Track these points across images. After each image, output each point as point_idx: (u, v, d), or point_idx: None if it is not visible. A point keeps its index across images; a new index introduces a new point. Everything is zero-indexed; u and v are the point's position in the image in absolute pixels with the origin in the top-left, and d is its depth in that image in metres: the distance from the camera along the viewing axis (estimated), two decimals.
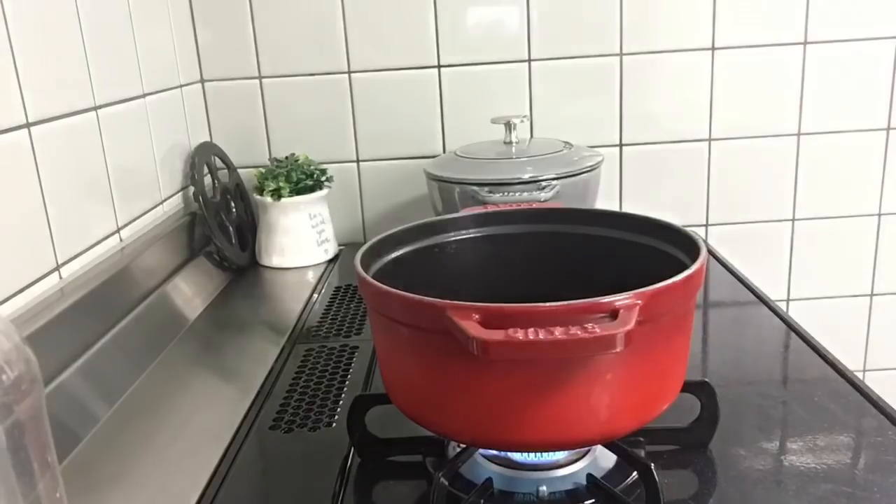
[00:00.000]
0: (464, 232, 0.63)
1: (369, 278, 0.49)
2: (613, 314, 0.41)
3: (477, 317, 0.41)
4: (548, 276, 0.61)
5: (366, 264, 0.52)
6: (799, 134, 1.12)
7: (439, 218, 0.63)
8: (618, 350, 0.39)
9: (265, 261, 1.04)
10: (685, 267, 0.47)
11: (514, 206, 0.64)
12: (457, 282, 0.60)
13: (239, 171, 1.11)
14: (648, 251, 0.57)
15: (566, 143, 0.99)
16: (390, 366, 0.51)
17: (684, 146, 1.12)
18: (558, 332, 0.39)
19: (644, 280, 0.44)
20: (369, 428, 0.56)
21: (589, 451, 0.53)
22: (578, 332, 0.39)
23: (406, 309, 0.46)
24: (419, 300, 0.45)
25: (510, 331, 0.39)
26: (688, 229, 0.55)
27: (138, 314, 0.77)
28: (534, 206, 0.66)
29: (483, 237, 0.63)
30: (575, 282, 0.57)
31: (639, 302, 0.41)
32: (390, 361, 0.50)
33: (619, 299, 0.41)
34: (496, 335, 0.39)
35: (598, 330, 0.39)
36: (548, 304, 0.41)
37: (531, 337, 0.39)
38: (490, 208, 0.65)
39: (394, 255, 0.58)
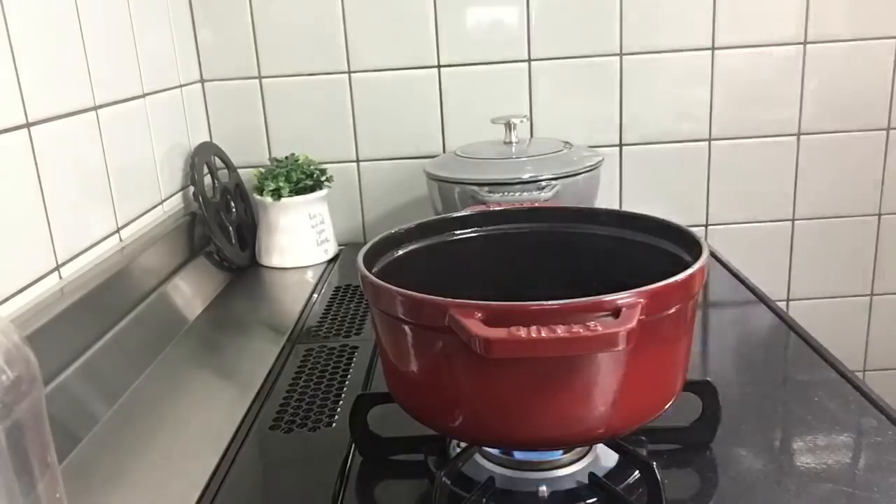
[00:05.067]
0: (466, 231, 0.62)
1: (372, 277, 0.49)
2: (616, 312, 0.41)
3: (480, 315, 0.41)
4: (550, 275, 0.61)
5: (368, 263, 0.52)
6: (799, 134, 1.12)
7: (441, 217, 0.63)
8: (620, 348, 0.39)
9: (265, 261, 1.04)
10: (687, 265, 0.47)
11: (517, 205, 0.64)
12: (459, 280, 0.59)
13: (239, 171, 1.11)
14: (650, 250, 0.57)
15: (566, 143, 0.99)
16: (393, 364, 0.51)
17: (684, 146, 1.12)
18: (561, 331, 0.39)
19: (645, 279, 0.44)
20: (371, 427, 0.56)
21: (590, 449, 0.53)
22: (581, 331, 0.39)
23: (409, 307, 0.46)
24: (422, 298, 0.45)
25: (513, 329, 0.39)
26: (689, 228, 0.55)
27: (138, 314, 0.77)
28: (536, 204, 0.66)
29: (485, 236, 0.63)
30: (577, 280, 0.57)
31: (641, 300, 0.41)
32: (393, 360, 0.50)
33: (622, 298, 0.41)
34: (499, 333, 0.39)
35: (600, 328, 0.39)
36: (550, 302, 0.41)
37: (534, 335, 0.39)
38: (492, 207, 0.65)
39: (396, 254, 0.58)
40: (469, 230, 0.63)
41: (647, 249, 0.57)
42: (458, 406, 0.47)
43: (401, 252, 0.59)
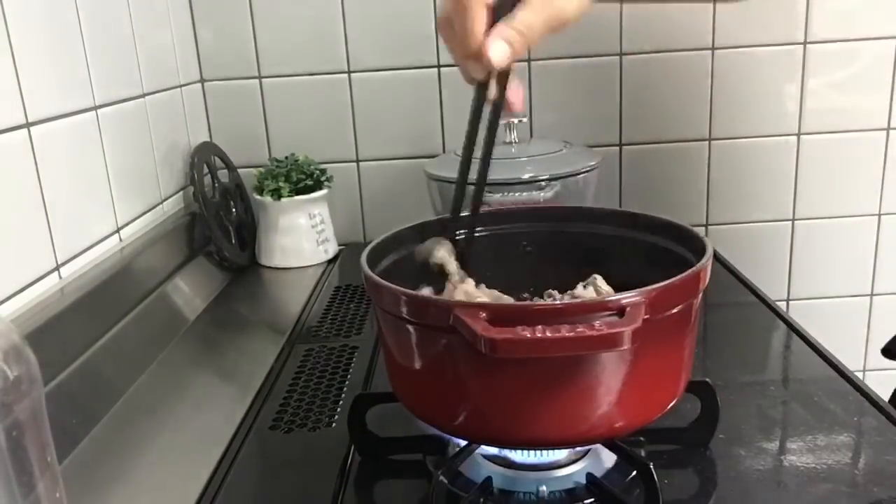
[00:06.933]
0: (470, 230, 0.62)
1: (376, 277, 0.49)
2: (620, 312, 0.41)
3: (484, 315, 0.41)
4: (552, 275, 0.61)
5: (372, 263, 0.52)
6: (799, 134, 1.12)
7: (444, 216, 0.63)
8: (625, 348, 0.39)
9: (265, 261, 1.04)
10: (689, 264, 0.47)
11: (520, 205, 0.64)
12: None
13: (239, 171, 1.11)
14: (652, 249, 0.57)
15: (566, 143, 0.99)
16: (396, 364, 0.51)
17: (684, 146, 1.12)
18: (565, 330, 0.39)
19: (648, 278, 0.44)
20: (369, 427, 0.56)
21: (589, 450, 0.53)
22: (586, 331, 0.39)
23: (413, 308, 0.46)
24: (427, 299, 0.45)
25: (518, 329, 0.39)
26: (691, 227, 0.55)
27: (138, 314, 0.77)
28: (539, 204, 0.66)
29: (489, 236, 0.63)
30: (579, 280, 0.57)
31: (645, 300, 0.41)
32: (397, 360, 0.50)
33: (626, 297, 0.41)
34: (504, 333, 0.39)
35: (605, 328, 0.39)
36: (555, 302, 0.41)
37: (539, 335, 0.39)
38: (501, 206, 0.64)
39: (399, 254, 0.58)
40: (473, 230, 0.63)
41: (648, 248, 0.57)
42: (462, 405, 0.47)
43: (403, 252, 0.59)
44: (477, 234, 0.59)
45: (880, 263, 1.18)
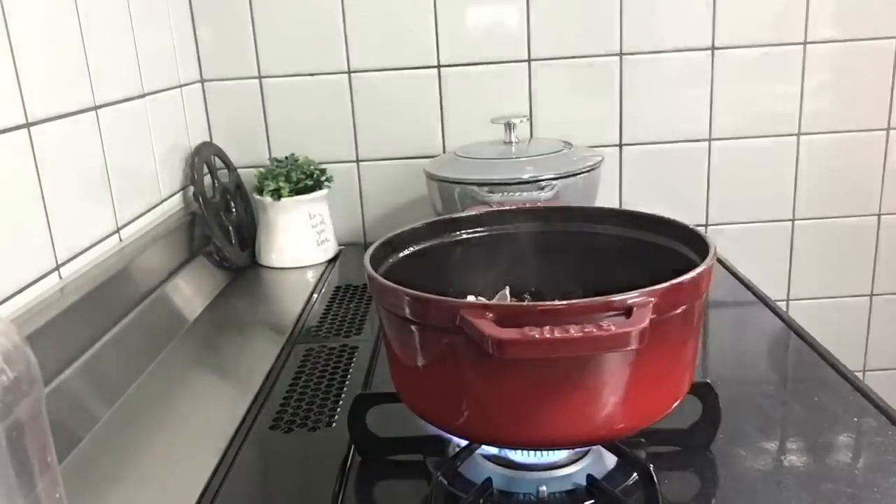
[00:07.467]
0: (472, 230, 0.62)
1: (381, 278, 0.49)
2: (627, 312, 0.41)
3: (491, 315, 0.41)
4: (556, 275, 0.61)
5: (375, 264, 0.52)
6: (799, 134, 1.12)
7: (447, 217, 0.63)
8: (632, 348, 0.39)
9: (265, 261, 1.04)
10: (691, 264, 0.47)
11: (527, 205, 0.64)
12: (465, 280, 0.59)
13: (239, 171, 1.11)
14: (654, 249, 0.57)
15: (566, 143, 0.99)
16: (400, 364, 0.51)
17: (684, 146, 1.12)
18: (573, 331, 0.39)
19: (650, 278, 0.44)
20: (370, 427, 0.56)
21: (589, 451, 0.53)
22: (594, 331, 0.39)
23: (419, 308, 0.46)
24: (433, 300, 0.44)
25: (526, 329, 0.39)
26: (695, 227, 0.55)
27: (138, 314, 0.77)
28: (543, 204, 0.65)
29: (492, 236, 0.63)
30: (582, 280, 0.57)
31: (652, 300, 0.41)
32: (400, 360, 0.50)
33: (633, 297, 0.41)
34: (512, 334, 0.39)
35: (613, 328, 0.39)
36: (562, 302, 0.41)
37: (547, 335, 0.39)
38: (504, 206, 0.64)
39: (401, 254, 0.58)
40: (476, 230, 0.63)
41: (650, 248, 0.57)
42: (465, 405, 0.47)
43: (406, 252, 0.59)
44: (483, 235, 0.59)
45: (880, 263, 1.18)
